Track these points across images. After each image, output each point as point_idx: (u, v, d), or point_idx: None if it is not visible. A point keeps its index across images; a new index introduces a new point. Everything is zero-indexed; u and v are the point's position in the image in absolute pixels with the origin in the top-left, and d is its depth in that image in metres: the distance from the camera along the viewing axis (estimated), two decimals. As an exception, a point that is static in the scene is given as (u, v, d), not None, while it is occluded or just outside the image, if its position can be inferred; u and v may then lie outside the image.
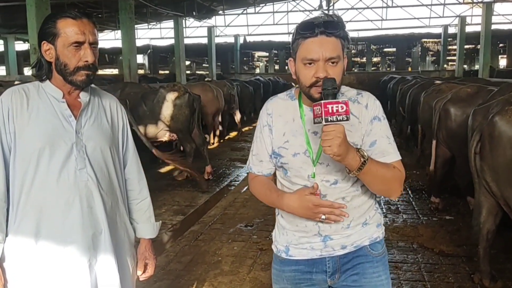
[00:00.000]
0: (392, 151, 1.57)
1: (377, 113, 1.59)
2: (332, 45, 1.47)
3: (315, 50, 1.46)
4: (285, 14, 22.67)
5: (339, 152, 1.37)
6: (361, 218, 1.62)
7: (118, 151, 1.79)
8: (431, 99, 6.11)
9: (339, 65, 1.50)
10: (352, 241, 1.61)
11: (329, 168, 1.56)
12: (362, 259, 1.62)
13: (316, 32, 1.46)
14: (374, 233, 1.65)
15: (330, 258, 1.62)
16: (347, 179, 1.57)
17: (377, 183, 1.53)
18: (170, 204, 5.73)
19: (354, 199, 1.59)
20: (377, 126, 1.57)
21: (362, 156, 1.43)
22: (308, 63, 1.48)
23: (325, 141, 1.37)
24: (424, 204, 5.43)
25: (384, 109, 1.67)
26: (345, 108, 1.36)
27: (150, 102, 6.86)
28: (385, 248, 1.69)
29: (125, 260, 1.76)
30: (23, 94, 1.62)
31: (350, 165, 1.44)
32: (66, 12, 1.60)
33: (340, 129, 1.37)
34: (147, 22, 22.35)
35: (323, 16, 1.49)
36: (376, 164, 1.49)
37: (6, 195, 1.60)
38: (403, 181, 1.59)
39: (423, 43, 25.54)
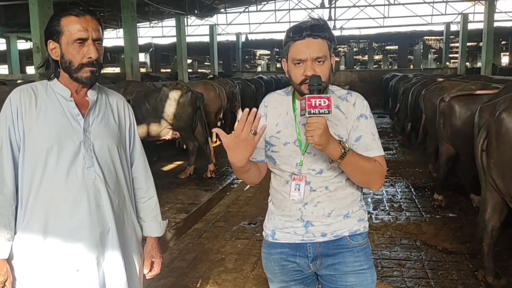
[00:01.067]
0: (376, 146, 1.69)
1: (364, 112, 1.71)
2: (319, 46, 1.62)
3: (303, 51, 1.61)
4: (287, 12, 22.66)
5: (320, 142, 1.50)
6: (343, 210, 1.73)
7: (125, 150, 1.80)
8: (433, 97, 6.12)
9: (326, 64, 1.64)
10: (332, 230, 1.72)
11: (315, 158, 1.68)
12: (341, 248, 1.73)
13: (304, 35, 1.61)
14: (354, 226, 1.75)
15: (310, 244, 1.73)
16: (332, 170, 1.68)
17: (358, 174, 1.65)
18: (173, 202, 5.75)
19: (337, 190, 1.71)
20: (363, 123, 1.70)
21: (343, 147, 1.55)
22: (297, 63, 1.63)
23: (308, 132, 1.51)
24: (427, 202, 5.43)
25: (385, 106, 1.73)
26: (327, 102, 1.49)
27: (153, 101, 6.88)
28: (367, 240, 1.79)
29: (132, 258, 1.78)
30: (31, 93, 1.63)
31: (331, 154, 1.56)
32: (69, 10, 1.62)
33: (321, 121, 1.49)
34: (149, 20, 22.35)
35: (310, 20, 1.64)
36: (357, 156, 1.61)
37: (15, 194, 1.62)
38: (384, 175, 1.71)
39: (425, 40, 25.49)
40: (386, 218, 4.86)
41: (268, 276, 1.86)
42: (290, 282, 1.78)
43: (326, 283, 1.76)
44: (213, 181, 6.84)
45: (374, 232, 4.36)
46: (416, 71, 19.32)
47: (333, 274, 1.73)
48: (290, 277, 1.77)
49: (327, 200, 1.70)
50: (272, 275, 1.82)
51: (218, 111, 9.61)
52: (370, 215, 4.91)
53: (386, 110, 14.88)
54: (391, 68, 28.67)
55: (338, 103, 1.69)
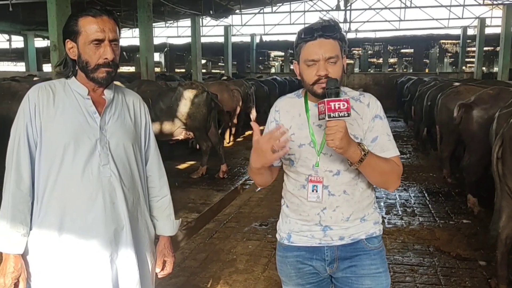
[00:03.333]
0: (392, 147, 1.70)
1: (378, 112, 1.72)
2: (331, 46, 1.63)
3: (315, 51, 1.62)
4: (302, 14, 22.61)
5: (341, 145, 1.51)
6: (360, 213, 1.73)
7: (140, 148, 1.81)
8: (449, 101, 6.06)
9: (338, 64, 1.65)
10: (350, 233, 1.72)
11: (332, 158, 1.68)
12: (359, 251, 1.73)
13: (315, 36, 1.63)
14: (370, 229, 1.75)
15: (328, 248, 1.73)
16: (349, 171, 1.68)
17: (376, 175, 1.66)
18: (185, 201, 5.77)
19: (354, 193, 1.71)
20: (378, 123, 1.71)
21: (363, 149, 1.56)
22: (310, 64, 1.64)
23: (329, 135, 1.51)
24: (440, 207, 5.37)
25: (399, 110, 1.74)
26: (346, 105, 1.49)
27: (168, 100, 6.92)
28: (382, 244, 1.79)
29: (145, 256, 1.79)
30: (49, 91, 1.65)
31: (351, 157, 1.57)
32: (87, 10, 1.63)
33: (342, 124, 1.50)
34: (165, 20, 22.51)
35: (321, 21, 1.65)
36: (376, 158, 1.62)
37: (31, 189, 1.63)
38: (401, 174, 1.72)
39: (442, 44, 25.23)
40: (399, 223, 4.82)
41: (282, 279, 1.86)
42: (305, 285, 1.78)
43: (342, 285, 1.76)
44: (225, 181, 6.86)
45: (387, 237, 4.32)
46: (432, 74, 19.11)
47: (349, 276, 1.73)
48: (305, 280, 1.77)
49: (345, 204, 1.70)
50: (287, 278, 1.82)
51: (232, 112, 9.63)
52: (383, 219, 4.86)
53: (400, 113, 14.78)
54: (406, 72, 28.44)
55: (352, 103, 1.67)
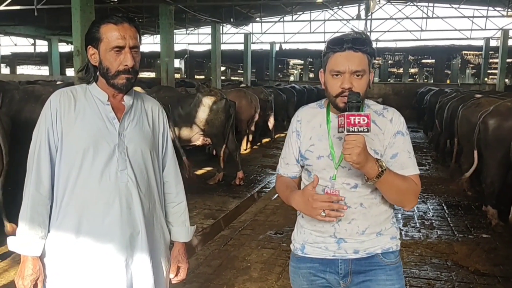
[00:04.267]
0: (411, 165, 1.67)
1: (400, 128, 1.69)
2: (358, 59, 1.60)
3: (342, 63, 1.60)
4: (322, 22, 22.60)
5: (358, 160, 1.49)
6: (376, 227, 1.70)
7: (157, 154, 1.83)
8: (469, 113, 5.97)
9: (364, 78, 1.62)
10: (365, 247, 1.69)
11: (350, 172, 1.65)
12: (374, 266, 1.70)
13: (345, 47, 1.60)
14: (387, 243, 1.73)
15: (342, 261, 1.70)
16: (367, 185, 1.65)
17: (393, 193, 1.63)
18: (201, 207, 5.79)
19: (372, 207, 1.69)
20: (400, 140, 1.68)
21: (381, 166, 1.54)
22: (335, 75, 1.62)
23: (346, 150, 1.49)
24: (460, 221, 5.28)
25: (419, 121, 1.72)
26: (366, 120, 1.47)
27: (186, 106, 6.97)
28: (399, 259, 1.75)
29: (160, 262, 1.80)
30: (70, 96, 1.68)
31: (368, 173, 1.55)
32: (109, 17, 1.66)
33: (360, 139, 1.48)
34: (186, 27, 22.78)
35: (352, 33, 1.64)
36: (394, 175, 1.59)
37: (50, 193, 1.66)
38: (418, 194, 1.69)
39: (464, 55, 24.89)
40: (416, 236, 4.75)
41: None
42: None
43: None
44: (241, 188, 6.87)
45: (404, 250, 4.26)
46: (453, 86, 18.86)
47: None
48: None
49: (361, 217, 1.68)
50: None
51: (249, 119, 9.65)
52: (400, 231, 4.78)
53: (420, 124, 14.60)
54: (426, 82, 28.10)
55: (374, 118, 1.67)
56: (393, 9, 21.40)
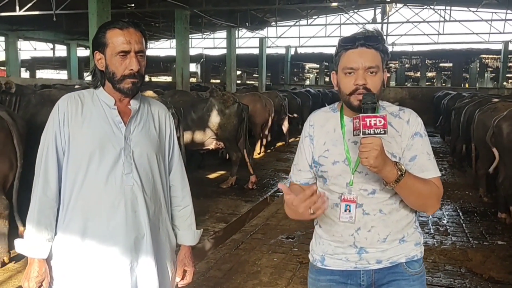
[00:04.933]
0: (432, 167, 1.60)
1: (418, 129, 1.62)
2: (372, 55, 1.56)
3: (355, 59, 1.55)
4: (338, 26, 22.53)
5: (375, 164, 1.42)
6: (398, 233, 1.63)
7: (164, 158, 1.84)
8: (486, 118, 5.89)
9: (378, 76, 1.57)
10: (388, 256, 1.62)
11: (367, 177, 1.59)
12: (397, 276, 1.62)
13: (357, 44, 1.56)
14: (411, 251, 1.65)
15: (364, 272, 1.63)
16: (386, 190, 1.59)
17: (414, 197, 1.56)
18: (214, 211, 5.81)
19: (392, 212, 1.61)
20: (418, 141, 1.61)
21: (400, 169, 1.47)
22: (348, 72, 1.57)
23: (363, 153, 1.43)
24: (475, 227, 5.19)
25: (436, 125, 1.67)
26: (383, 122, 1.41)
27: (200, 110, 7.02)
28: (423, 268, 1.68)
29: (165, 265, 1.80)
30: (78, 100, 1.71)
31: (387, 177, 1.48)
32: (114, 23, 1.68)
33: (377, 142, 1.42)
34: (201, 32, 22.93)
35: (364, 31, 1.60)
36: (414, 179, 1.52)
37: (57, 196, 1.69)
38: (441, 197, 1.61)
39: (482, 59, 24.53)
40: (430, 242, 4.68)
41: None
42: None
43: None
44: (254, 192, 6.86)
45: (416, 256, 4.20)
46: (471, 90, 18.59)
47: None
48: None
49: (381, 224, 1.60)
50: None
51: (264, 123, 9.65)
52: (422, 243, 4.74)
53: (436, 129, 14.43)
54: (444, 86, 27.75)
55: (390, 120, 1.59)
56: (410, 12, 21.20)
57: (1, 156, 3.82)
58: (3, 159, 3.83)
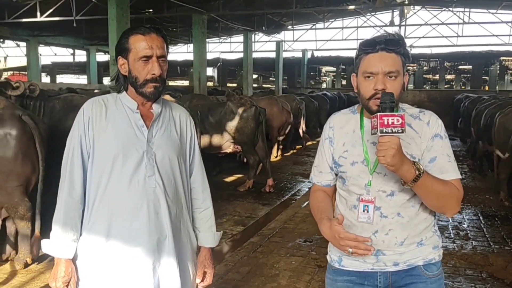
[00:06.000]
0: (452, 169, 1.59)
1: (438, 131, 1.62)
2: (392, 60, 1.56)
3: (375, 64, 1.56)
4: (355, 29, 22.43)
5: (392, 162, 1.43)
6: (416, 237, 1.63)
7: (185, 161, 1.87)
8: (507, 121, 5.80)
9: (398, 80, 1.57)
10: (405, 259, 1.63)
11: (386, 178, 1.59)
12: (415, 279, 1.62)
13: (377, 48, 1.56)
14: (429, 254, 1.65)
15: (381, 273, 1.65)
16: (404, 192, 1.59)
17: (432, 198, 1.54)
18: (231, 214, 5.83)
19: (410, 216, 1.61)
20: (438, 143, 1.60)
21: (418, 169, 1.47)
22: (368, 76, 1.57)
23: (380, 151, 1.43)
24: (496, 232, 5.11)
25: (455, 128, 1.66)
26: (400, 121, 1.41)
27: (217, 114, 7.07)
28: (441, 271, 1.67)
29: (187, 266, 1.83)
30: (102, 104, 1.75)
31: (404, 176, 1.48)
32: (137, 28, 1.72)
33: (395, 140, 1.42)
34: (218, 36, 23.08)
35: (385, 35, 1.59)
36: (432, 179, 1.51)
37: (82, 198, 1.73)
38: (461, 200, 1.59)
39: (502, 61, 24.14)
40: (450, 246, 4.62)
41: None
42: None
43: None
44: (271, 195, 6.87)
45: (436, 260, 4.15)
46: (491, 92, 18.30)
47: None
48: None
49: (399, 228, 1.60)
50: None
51: (281, 126, 9.66)
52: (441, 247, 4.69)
53: (456, 132, 14.24)
54: (464, 89, 27.38)
55: (410, 121, 1.61)
56: (428, 14, 20.99)
57: (24, 159, 3.90)
58: (26, 162, 3.92)
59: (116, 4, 9.21)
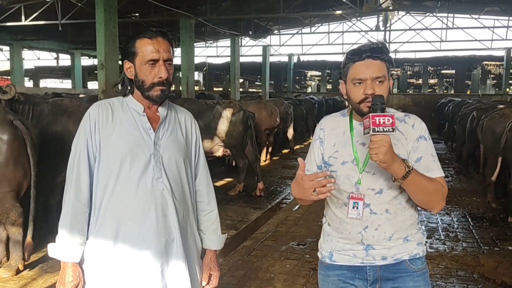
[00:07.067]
0: (436, 167, 1.70)
1: (423, 133, 1.73)
2: (378, 66, 1.67)
3: (362, 71, 1.67)
4: (341, 34, 22.63)
5: (384, 160, 1.52)
6: (403, 233, 1.73)
7: (190, 163, 1.88)
8: (494, 124, 5.91)
9: (385, 84, 1.68)
10: (393, 253, 1.72)
11: (375, 177, 1.69)
12: (402, 272, 1.73)
13: (364, 56, 1.67)
14: (414, 249, 1.75)
15: (370, 267, 1.74)
16: (392, 190, 1.69)
17: (421, 193, 1.65)
18: (223, 218, 5.81)
19: (397, 212, 1.71)
20: (423, 144, 1.71)
21: (407, 166, 1.57)
22: (357, 83, 1.68)
23: (372, 149, 1.53)
24: (485, 233, 5.20)
25: (439, 131, 1.74)
26: (391, 120, 1.51)
27: (206, 118, 7.07)
28: (425, 265, 1.78)
29: (194, 268, 1.83)
30: (108, 108, 1.75)
31: (395, 173, 1.57)
32: (144, 32, 1.73)
33: (386, 139, 1.52)
34: (205, 40, 23.05)
35: (370, 43, 1.71)
36: (420, 176, 1.61)
37: (89, 201, 1.72)
38: (445, 196, 1.70)
39: (484, 65, 24.59)
40: (441, 248, 4.69)
41: None
42: None
43: None
44: (262, 199, 6.88)
45: (429, 262, 4.21)
46: (474, 96, 18.62)
47: None
48: None
49: (388, 224, 1.70)
50: None
51: (270, 130, 9.69)
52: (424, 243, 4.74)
53: (441, 135, 14.44)
54: (446, 93, 27.78)
55: (396, 124, 1.67)
56: (412, 20, 21.35)
57: (16, 164, 3.84)
58: (17, 167, 3.86)
59: (104, 8, 9.12)
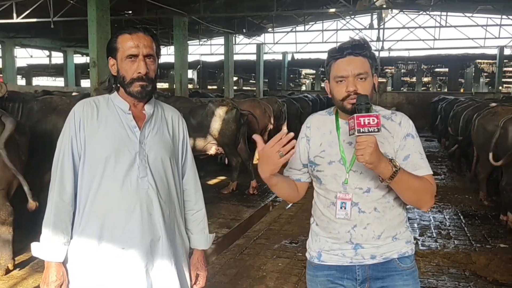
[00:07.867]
0: (424, 165, 1.67)
1: (410, 131, 1.70)
2: (360, 63, 1.65)
3: (344, 68, 1.65)
4: (334, 32, 22.62)
5: (371, 160, 1.50)
6: (391, 231, 1.71)
7: (177, 162, 1.86)
8: (486, 122, 5.93)
9: (368, 81, 1.66)
10: (382, 252, 1.70)
11: (362, 176, 1.67)
12: (391, 271, 1.71)
13: (345, 53, 1.66)
14: (402, 248, 1.73)
15: (360, 267, 1.71)
16: (380, 189, 1.67)
17: (409, 192, 1.62)
18: (216, 216, 5.80)
19: (386, 211, 1.69)
20: (410, 142, 1.68)
21: (394, 165, 1.55)
22: (339, 80, 1.66)
23: (358, 150, 1.50)
24: (477, 230, 5.21)
25: (433, 129, 1.72)
26: (376, 120, 1.48)
27: (199, 116, 7.04)
28: (414, 263, 1.76)
29: (182, 268, 1.81)
30: (93, 106, 1.73)
31: (382, 173, 1.55)
32: (126, 29, 1.72)
33: (371, 139, 1.49)
34: (199, 38, 22.97)
35: (351, 40, 1.69)
36: (408, 175, 1.59)
37: (73, 199, 1.70)
38: (434, 193, 1.67)
39: (477, 64, 24.71)
40: (433, 245, 4.69)
41: None
42: None
43: None
44: (255, 197, 6.87)
45: (421, 259, 4.22)
46: (467, 94, 18.70)
47: None
48: None
49: (376, 222, 1.68)
50: None
51: (263, 128, 9.66)
52: (417, 241, 4.75)
53: (434, 133, 14.49)
54: (440, 91, 27.89)
55: (383, 122, 1.66)
56: (406, 18, 21.33)
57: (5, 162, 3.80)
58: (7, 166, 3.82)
59: (96, 5, 9.05)
